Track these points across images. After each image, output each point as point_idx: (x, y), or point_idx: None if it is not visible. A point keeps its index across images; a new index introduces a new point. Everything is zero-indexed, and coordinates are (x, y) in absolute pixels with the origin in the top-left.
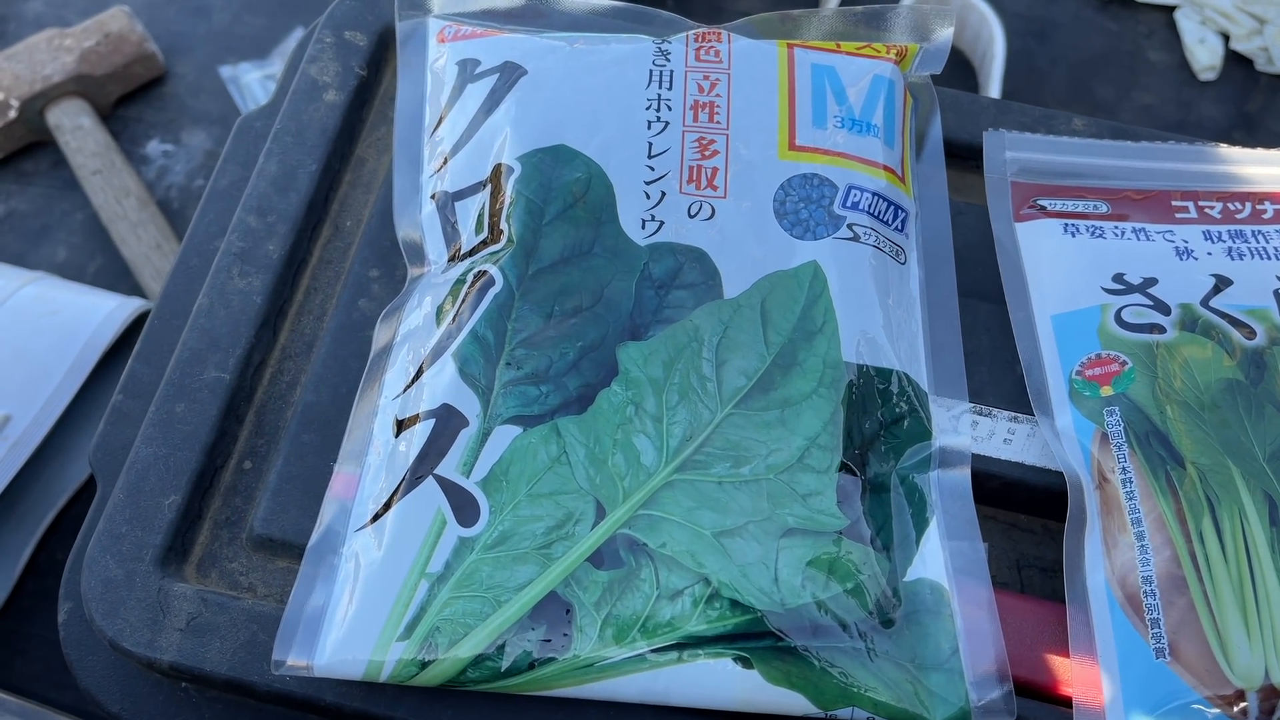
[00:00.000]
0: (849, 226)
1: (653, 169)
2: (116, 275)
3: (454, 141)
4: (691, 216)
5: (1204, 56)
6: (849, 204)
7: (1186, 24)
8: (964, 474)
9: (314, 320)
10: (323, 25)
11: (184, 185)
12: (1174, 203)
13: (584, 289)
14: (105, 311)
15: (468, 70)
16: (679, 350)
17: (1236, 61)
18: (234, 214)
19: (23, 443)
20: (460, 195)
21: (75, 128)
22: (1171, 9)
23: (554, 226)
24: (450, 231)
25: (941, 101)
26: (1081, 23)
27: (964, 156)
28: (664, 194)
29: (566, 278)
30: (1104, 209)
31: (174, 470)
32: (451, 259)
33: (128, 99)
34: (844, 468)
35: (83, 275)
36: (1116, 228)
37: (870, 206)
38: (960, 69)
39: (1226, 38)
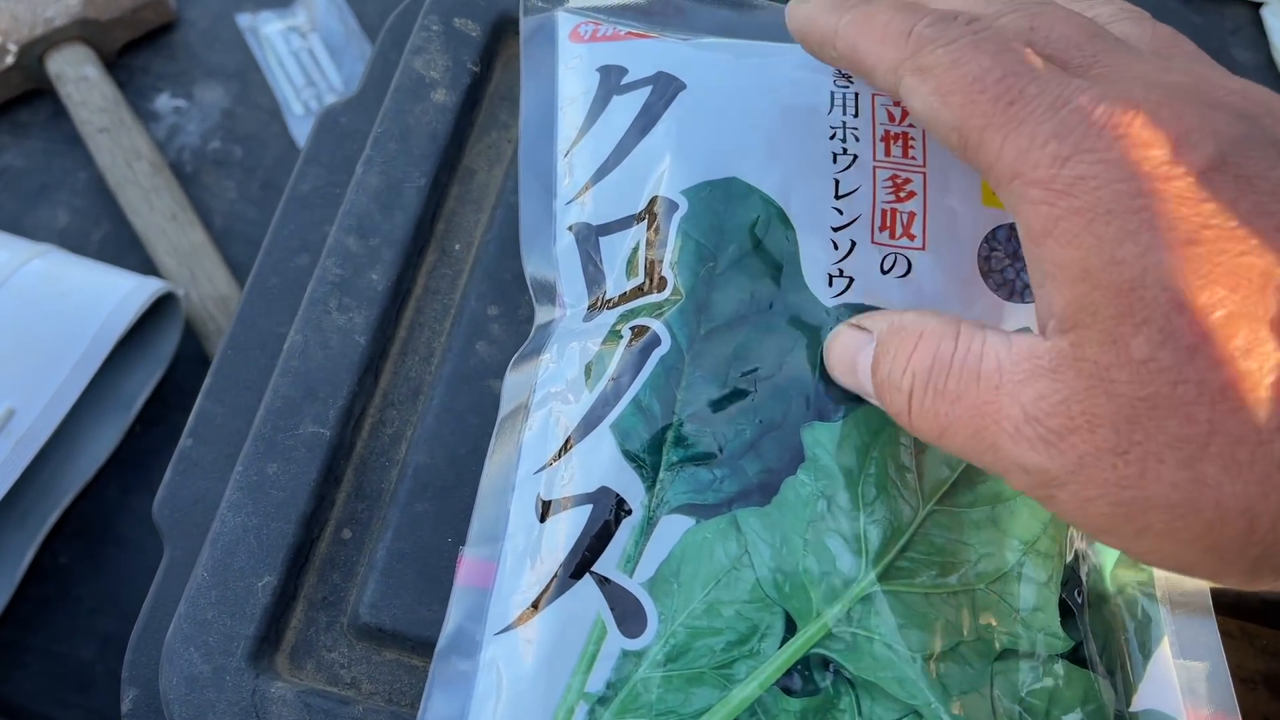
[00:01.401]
0: None
1: (840, 212)
2: (124, 245)
3: (598, 164)
4: (885, 272)
5: None
6: None
7: (1274, 21)
8: (1199, 585)
9: (420, 362)
10: (428, 10)
11: (198, 147)
12: None
13: (763, 355)
14: (121, 294)
15: (612, 79)
16: (874, 434)
17: None
18: (321, 229)
19: (28, 439)
20: (606, 230)
21: (79, 78)
22: (1258, 4)
23: (728, 278)
24: (593, 271)
25: None
26: (1164, 15)
27: None
28: (854, 243)
29: (742, 340)
30: None
31: (268, 545)
32: (594, 305)
33: (134, 46)
34: (1066, 577)
35: (86, 244)
36: None
37: None
38: None
39: None
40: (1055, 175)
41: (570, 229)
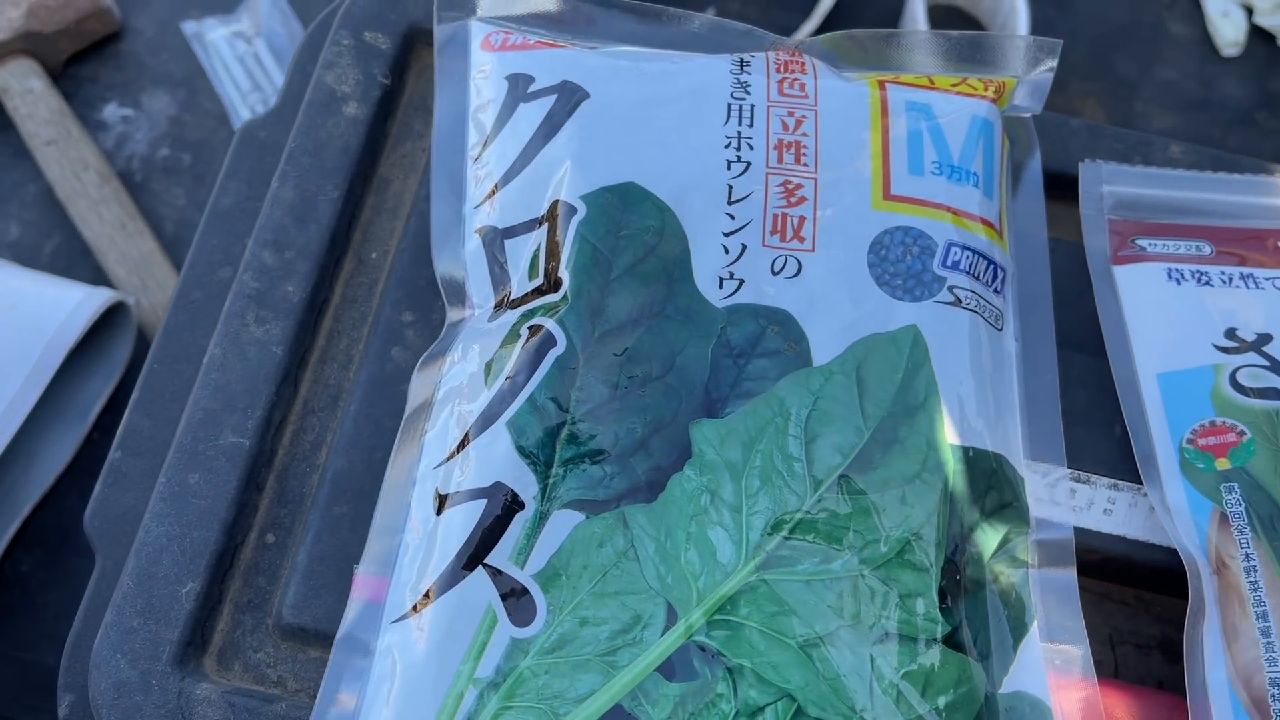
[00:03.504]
0: (950, 289)
1: (733, 217)
2: (75, 255)
3: (504, 169)
4: (775, 273)
5: (1228, 31)
6: (949, 263)
7: None
8: (1069, 573)
9: (339, 369)
10: (338, 25)
11: (147, 155)
12: (1278, 243)
13: (654, 356)
14: (71, 304)
15: (520, 87)
16: (761, 428)
17: (1260, 37)
18: (241, 242)
19: None
20: (511, 232)
21: (24, 91)
22: None
23: (623, 282)
24: (498, 272)
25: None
26: None
27: (1051, 185)
28: (744, 247)
29: (636, 342)
30: (1208, 251)
31: (190, 553)
32: (499, 305)
33: (80, 57)
34: (945, 564)
35: (39, 256)
36: (1223, 274)
37: (970, 266)
38: None
39: (1250, 11)
40: None
41: (478, 232)
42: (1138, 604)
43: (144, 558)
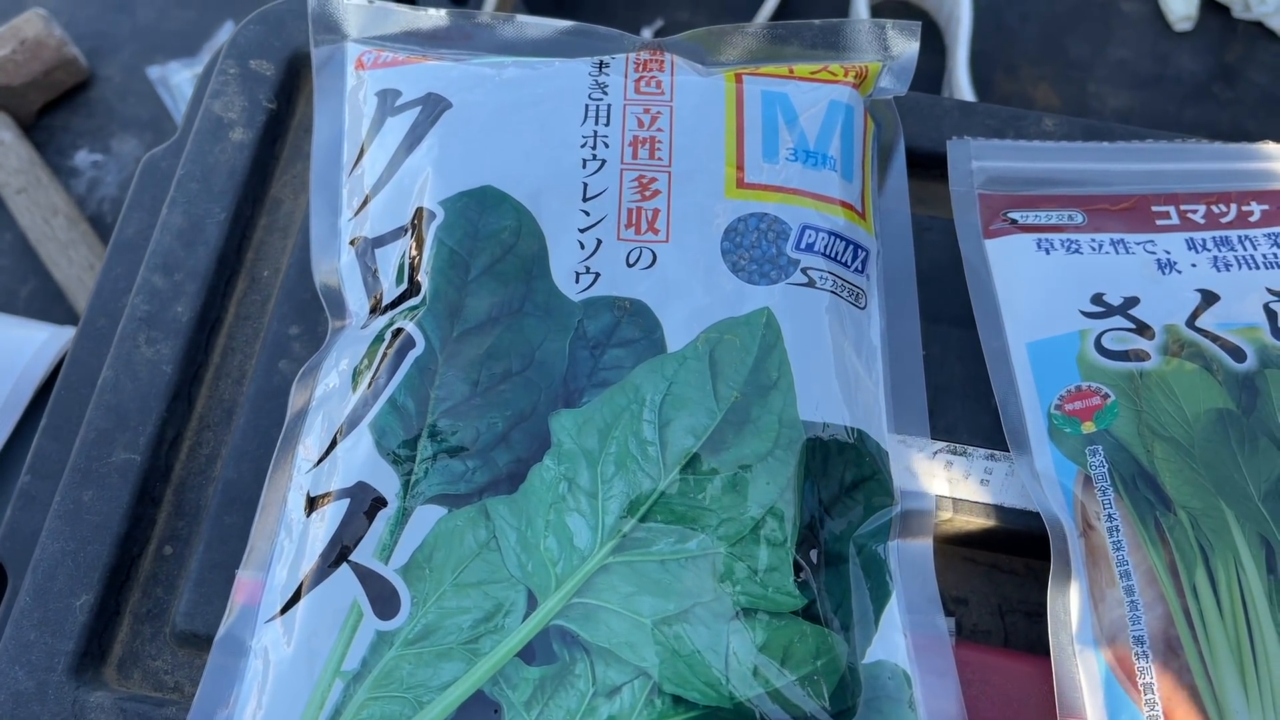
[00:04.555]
0: (803, 271)
1: (588, 214)
2: (50, 299)
3: (374, 181)
4: (630, 265)
5: (1179, 5)
6: (803, 245)
7: None
8: (926, 544)
9: (233, 385)
10: (225, 55)
11: (117, 198)
12: (1154, 208)
13: (513, 352)
14: (36, 345)
15: (388, 102)
16: (616, 415)
17: (1213, 9)
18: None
19: None
20: (381, 241)
21: None
22: None
23: (481, 282)
24: (371, 281)
25: (900, 107)
26: None
27: (927, 165)
28: (600, 241)
29: (495, 339)
30: (1080, 219)
31: (84, 567)
32: (373, 311)
33: (51, 106)
34: (801, 539)
35: (15, 301)
36: (1094, 240)
37: (827, 248)
38: (925, 30)
39: None
40: None
41: (352, 243)
42: (1027, 573)
43: (40, 574)
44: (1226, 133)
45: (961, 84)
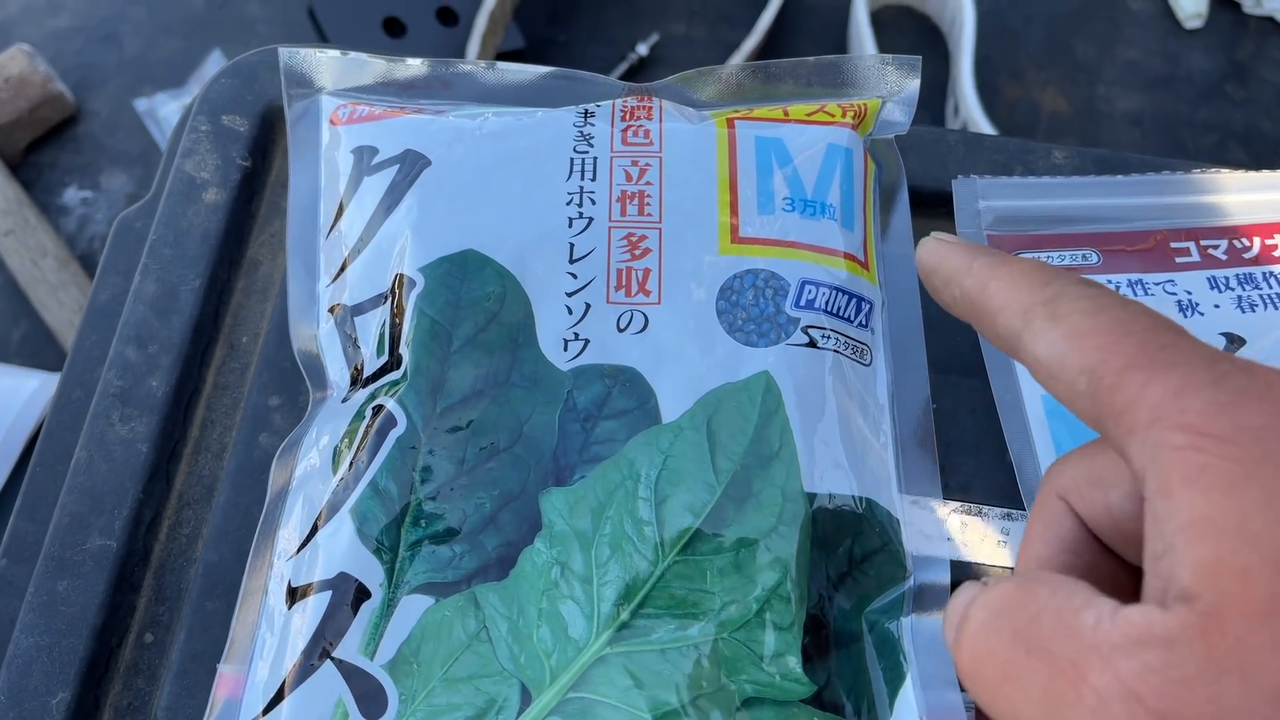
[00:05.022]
0: (804, 330)
1: (575, 276)
2: (42, 341)
3: (352, 245)
4: (621, 330)
5: (1189, 2)
6: (803, 303)
7: None
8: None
9: (213, 459)
10: (195, 111)
11: (108, 235)
12: (1173, 245)
13: (500, 426)
14: (26, 394)
15: (364, 160)
16: (610, 492)
17: (1223, 6)
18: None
19: None
20: (360, 309)
21: None
22: None
23: (465, 354)
24: (351, 350)
25: (901, 143)
26: None
27: (932, 204)
28: (588, 306)
29: (480, 414)
30: (1095, 260)
31: (60, 662)
32: (354, 383)
33: (38, 144)
34: (809, 620)
35: (7, 345)
36: (1110, 282)
37: (828, 303)
38: (929, 36)
39: None
40: (1212, 420)
41: (331, 311)
42: None
43: (15, 670)
44: (1241, 133)
45: (966, 92)
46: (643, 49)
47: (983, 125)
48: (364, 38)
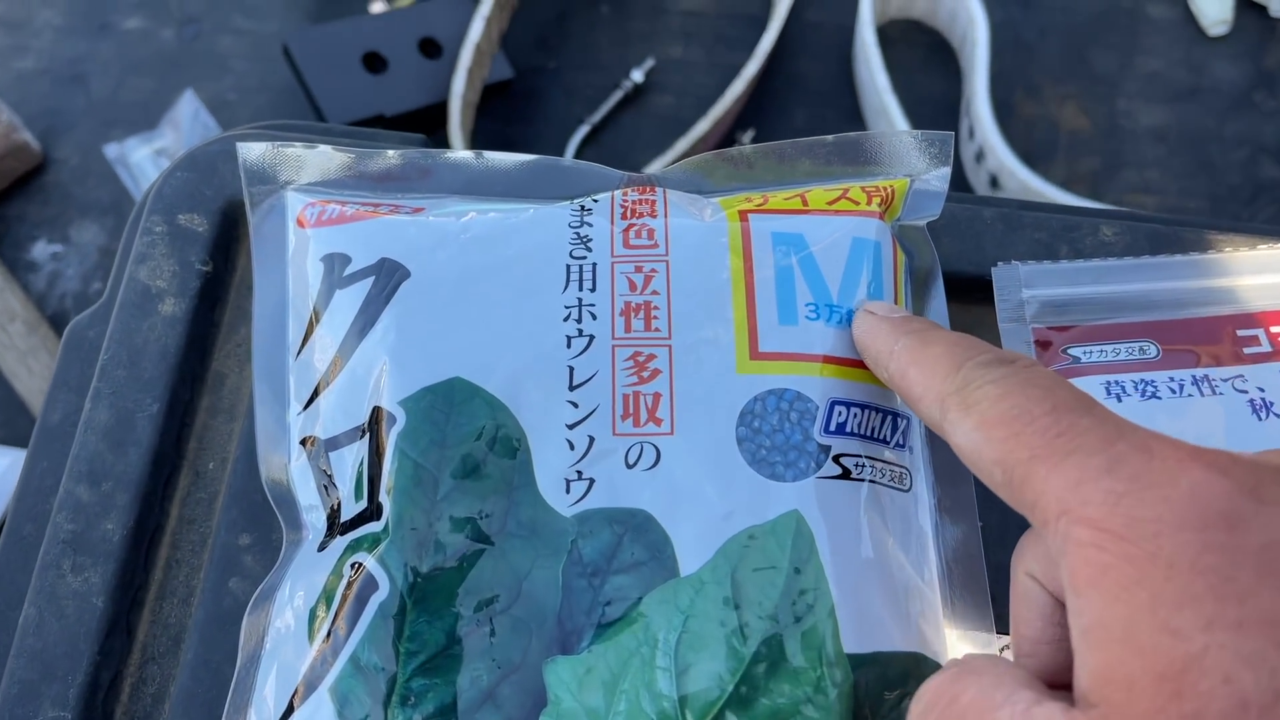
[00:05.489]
0: (836, 460)
1: (576, 405)
2: (14, 411)
3: (324, 369)
4: (630, 466)
5: (1212, 8)
6: (833, 427)
7: None
8: None
9: (179, 605)
10: (149, 210)
11: (79, 291)
12: (1239, 332)
13: (497, 587)
14: None
15: (335, 270)
16: (624, 662)
17: (1248, 10)
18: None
19: None
20: (335, 443)
21: None
22: None
23: (453, 501)
24: (327, 488)
25: (933, 224)
26: None
27: (969, 290)
28: (592, 439)
29: (473, 573)
30: (1153, 353)
31: None
32: (331, 528)
33: (4, 196)
34: None
35: None
36: (1173, 381)
37: (861, 425)
38: (939, 51)
39: None
40: (1109, 514)
41: (304, 443)
42: None
43: None
44: (1273, 147)
45: (982, 115)
46: (638, 75)
47: (1000, 150)
48: (343, 74)
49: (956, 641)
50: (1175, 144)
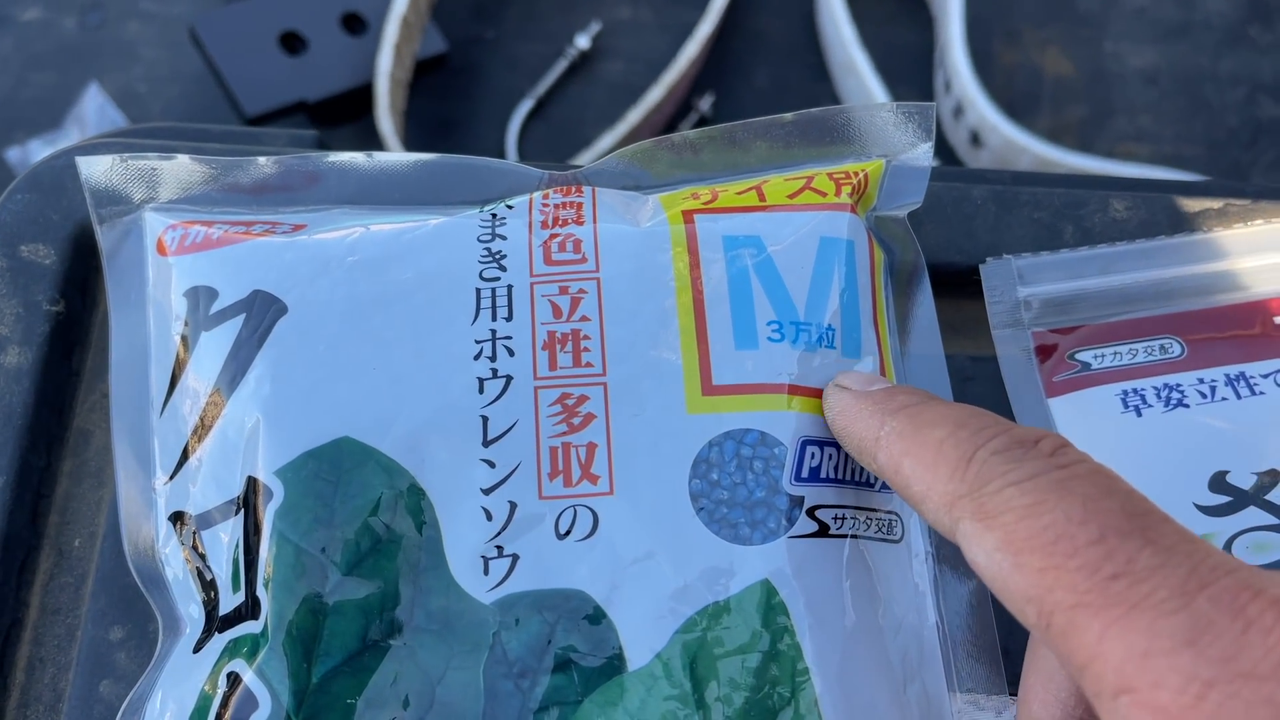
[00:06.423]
0: (811, 514)
1: (492, 464)
2: None
3: (190, 429)
4: (562, 537)
5: None
6: (806, 473)
7: None
8: None
9: (45, 713)
10: None
11: None
12: (1277, 319)
13: (404, 694)
14: None
15: (201, 306)
16: None
17: None
18: None
19: None
20: (207, 520)
21: None
22: None
23: (346, 592)
24: (202, 572)
25: (914, 212)
26: None
27: (960, 284)
28: (514, 506)
29: (374, 680)
30: (1178, 351)
31: None
32: (209, 622)
33: None
34: None
35: None
36: (1202, 382)
37: (839, 469)
38: (909, 0)
39: None
40: (1193, 708)
41: (173, 520)
42: None
43: None
44: (1270, 84)
45: (959, 64)
46: (583, 41)
47: (980, 103)
48: (258, 58)
49: (966, 708)
50: (1167, 86)
